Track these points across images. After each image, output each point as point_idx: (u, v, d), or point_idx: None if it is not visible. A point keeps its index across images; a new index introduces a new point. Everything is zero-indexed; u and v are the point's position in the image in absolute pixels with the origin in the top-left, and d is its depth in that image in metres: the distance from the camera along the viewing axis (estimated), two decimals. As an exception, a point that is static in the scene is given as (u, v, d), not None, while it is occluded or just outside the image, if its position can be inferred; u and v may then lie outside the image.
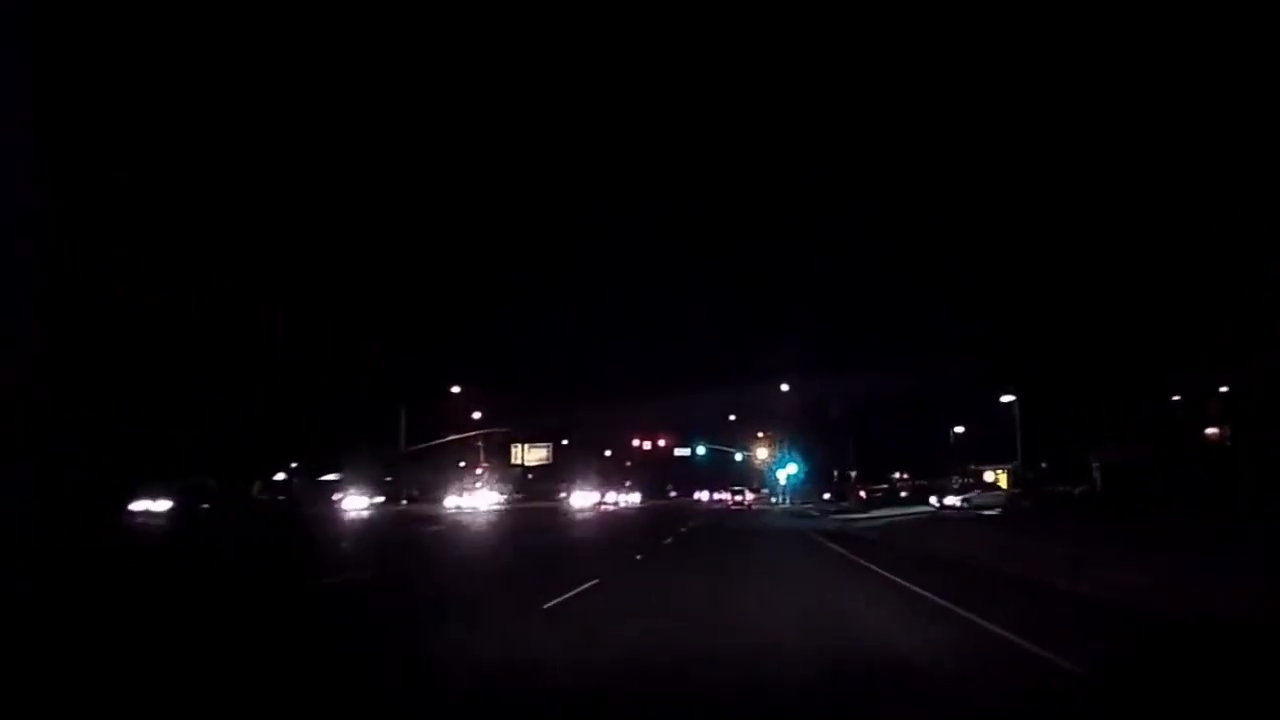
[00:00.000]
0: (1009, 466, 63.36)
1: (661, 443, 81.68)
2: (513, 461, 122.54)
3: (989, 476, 60.18)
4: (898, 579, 15.08)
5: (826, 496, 68.98)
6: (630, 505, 74.80)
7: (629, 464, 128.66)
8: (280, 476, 64.02)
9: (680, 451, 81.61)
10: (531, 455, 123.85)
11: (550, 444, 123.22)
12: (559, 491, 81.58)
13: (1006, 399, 36.92)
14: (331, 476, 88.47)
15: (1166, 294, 37.05)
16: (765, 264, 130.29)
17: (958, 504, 42.58)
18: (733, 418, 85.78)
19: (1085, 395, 48.69)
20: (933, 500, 45.99)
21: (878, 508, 49.36)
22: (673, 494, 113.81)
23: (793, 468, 66.97)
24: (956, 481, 55.03)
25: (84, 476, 33.30)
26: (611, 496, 77.37)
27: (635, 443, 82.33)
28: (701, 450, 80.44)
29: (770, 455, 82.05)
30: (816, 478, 71.17)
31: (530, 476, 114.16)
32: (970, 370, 59.43)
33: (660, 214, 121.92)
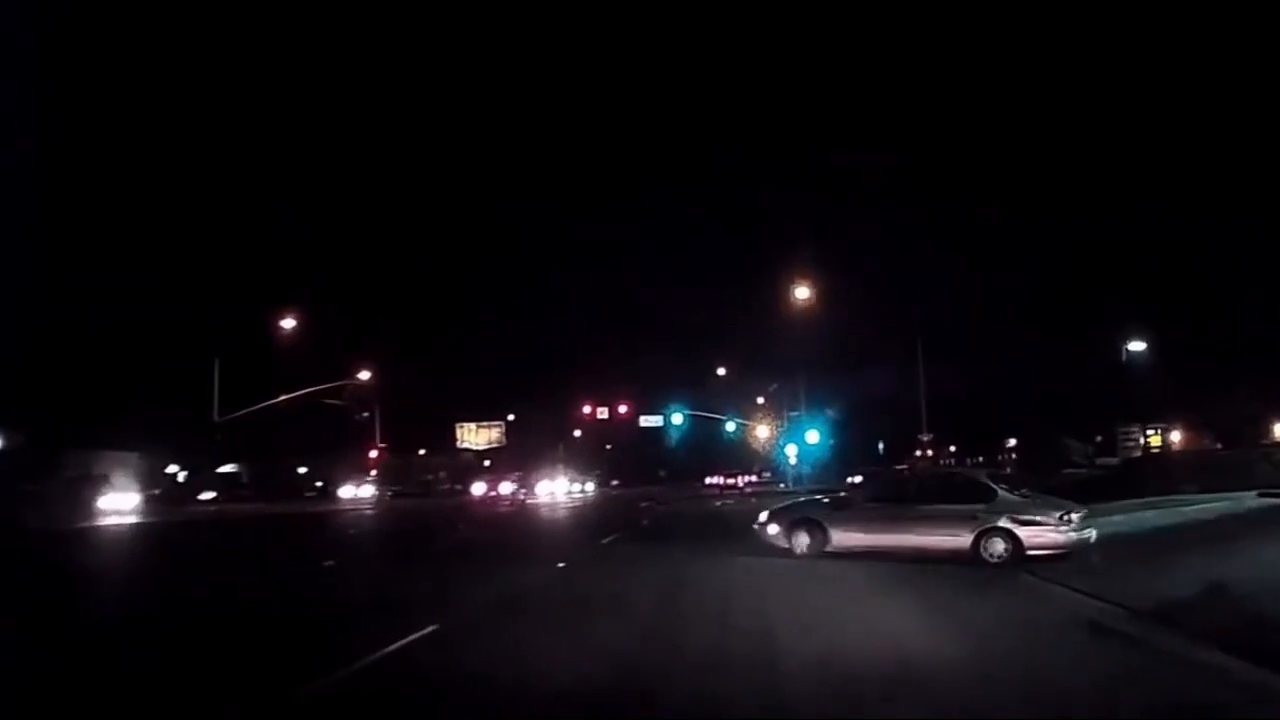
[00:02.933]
0: (1159, 428, 39.45)
1: (622, 409, 58.05)
2: (458, 444, 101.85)
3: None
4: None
5: (857, 480, 45.64)
6: (557, 499, 51.79)
7: (610, 446, 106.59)
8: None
9: (647, 421, 57.94)
10: (480, 436, 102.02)
11: (502, 423, 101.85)
12: (499, 482, 57.20)
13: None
14: (230, 468, 68.18)
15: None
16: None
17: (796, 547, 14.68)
18: (722, 371, 61.88)
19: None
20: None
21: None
22: (615, 482, 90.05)
23: (813, 436, 41.70)
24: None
25: None
26: (508, 487, 52.93)
27: (585, 410, 58.53)
28: (678, 419, 56.84)
29: (774, 431, 59.11)
30: (851, 452, 46.46)
31: (489, 463, 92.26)
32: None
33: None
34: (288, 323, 43.26)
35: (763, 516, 15.67)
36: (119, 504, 42.40)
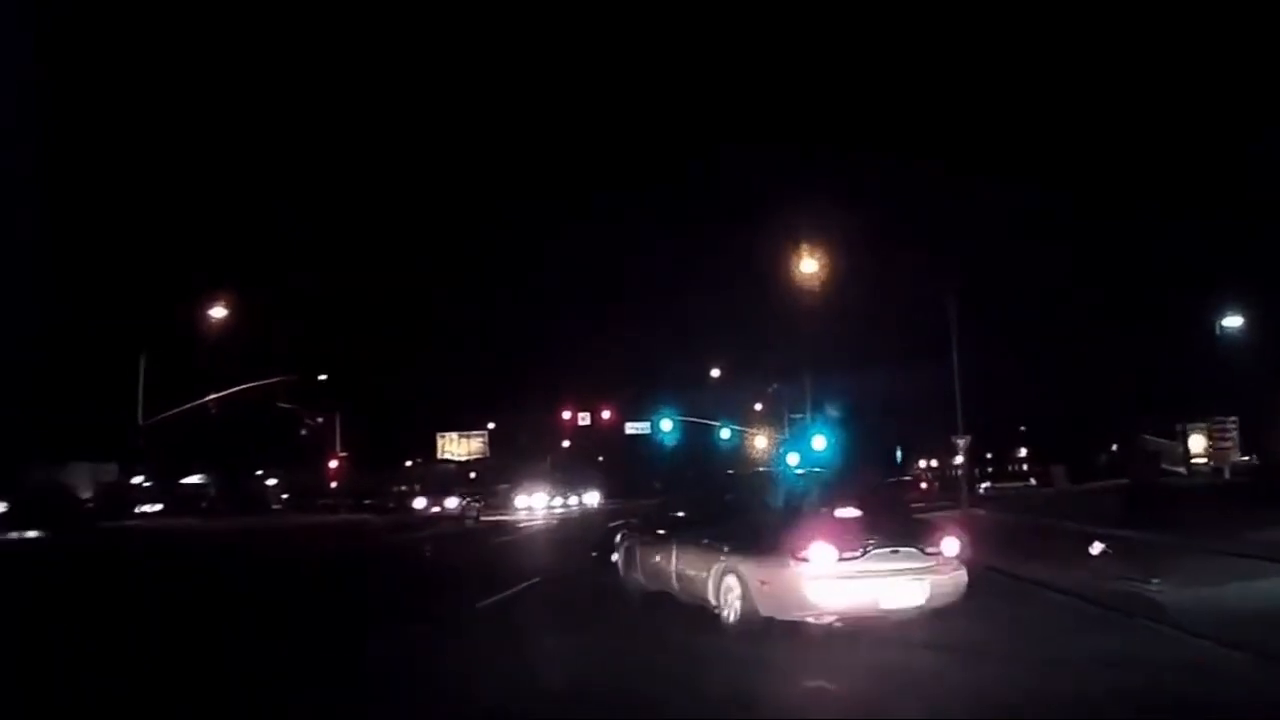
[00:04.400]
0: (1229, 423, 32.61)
1: (605, 415, 52.77)
2: (440, 455, 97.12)
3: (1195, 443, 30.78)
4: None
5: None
6: (534, 515, 46.36)
7: (602, 459, 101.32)
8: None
9: (633, 428, 52.72)
10: (461, 447, 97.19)
11: (485, 433, 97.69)
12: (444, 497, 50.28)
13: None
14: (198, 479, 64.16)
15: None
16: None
17: None
18: (716, 373, 56.56)
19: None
20: None
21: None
22: (580, 499, 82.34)
23: (819, 441, 35.73)
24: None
25: None
26: (453, 502, 46.93)
27: (566, 416, 53.17)
28: (667, 425, 51.44)
29: (771, 440, 53.98)
30: (864, 458, 40.32)
31: (474, 475, 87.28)
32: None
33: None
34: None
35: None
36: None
